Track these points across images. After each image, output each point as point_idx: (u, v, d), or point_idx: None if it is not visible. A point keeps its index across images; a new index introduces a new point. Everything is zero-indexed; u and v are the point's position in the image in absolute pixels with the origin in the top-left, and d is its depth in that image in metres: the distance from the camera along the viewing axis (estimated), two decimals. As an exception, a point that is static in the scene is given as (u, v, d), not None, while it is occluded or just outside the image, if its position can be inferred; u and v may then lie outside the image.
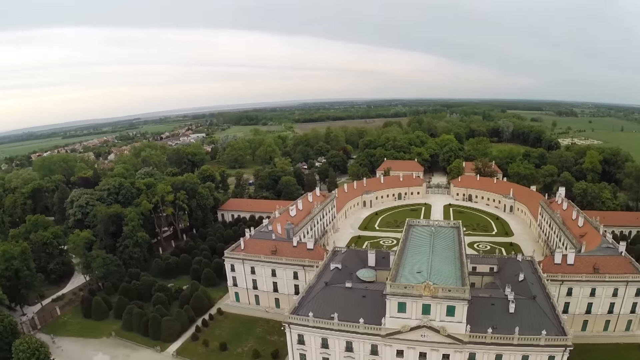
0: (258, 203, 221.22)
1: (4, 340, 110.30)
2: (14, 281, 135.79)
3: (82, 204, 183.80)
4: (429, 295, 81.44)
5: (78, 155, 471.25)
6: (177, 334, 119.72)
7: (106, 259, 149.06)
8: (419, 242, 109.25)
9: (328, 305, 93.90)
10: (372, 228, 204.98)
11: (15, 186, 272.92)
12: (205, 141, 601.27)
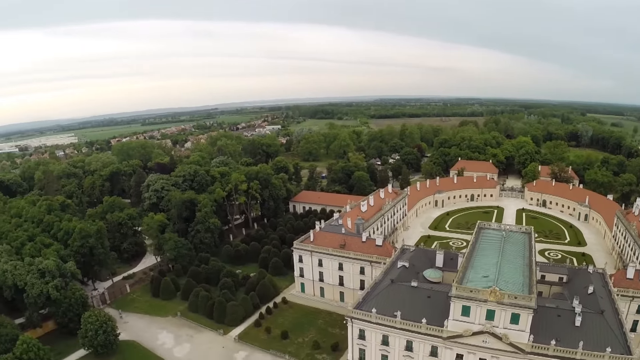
0: (330, 196, 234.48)
1: (74, 312, 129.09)
2: (89, 258, 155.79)
3: (158, 189, 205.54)
4: (495, 300, 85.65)
5: (156, 142, 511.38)
6: (241, 319, 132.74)
7: (178, 242, 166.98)
8: (488, 245, 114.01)
9: (392, 303, 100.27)
10: (442, 228, 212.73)
11: (94, 169, 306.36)
12: (281, 133, 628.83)
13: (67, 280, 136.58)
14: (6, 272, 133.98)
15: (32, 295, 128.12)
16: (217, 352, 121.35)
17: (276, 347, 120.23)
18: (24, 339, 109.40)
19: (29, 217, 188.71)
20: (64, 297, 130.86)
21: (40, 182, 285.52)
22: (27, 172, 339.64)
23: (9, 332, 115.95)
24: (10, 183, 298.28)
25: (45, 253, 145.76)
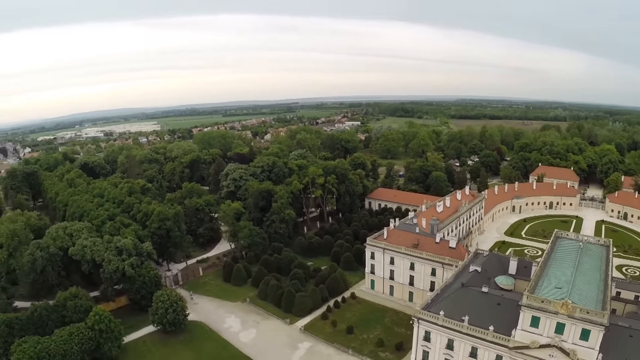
0: (406, 195, 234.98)
1: (147, 290, 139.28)
2: (165, 240, 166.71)
3: (236, 178, 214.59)
4: (566, 313, 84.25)
5: (236, 133, 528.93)
6: (309, 310, 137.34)
7: (252, 231, 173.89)
8: (564, 256, 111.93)
9: (460, 307, 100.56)
10: (518, 235, 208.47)
11: (175, 156, 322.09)
12: (360, 129, 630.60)
13: (142, 259, 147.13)
14: (86, 247, 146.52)
15: (109, 270, 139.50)
16: (282, 340, 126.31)
17: (340, 341, 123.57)
18: (97, 311, 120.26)
19: (110, 197, 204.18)
20: (139, 275, 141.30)
21: (123, 166, 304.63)
22: (111, 156, 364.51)
23: (83, 303, 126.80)
24: (95, 165, 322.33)
25: (124, 232, 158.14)
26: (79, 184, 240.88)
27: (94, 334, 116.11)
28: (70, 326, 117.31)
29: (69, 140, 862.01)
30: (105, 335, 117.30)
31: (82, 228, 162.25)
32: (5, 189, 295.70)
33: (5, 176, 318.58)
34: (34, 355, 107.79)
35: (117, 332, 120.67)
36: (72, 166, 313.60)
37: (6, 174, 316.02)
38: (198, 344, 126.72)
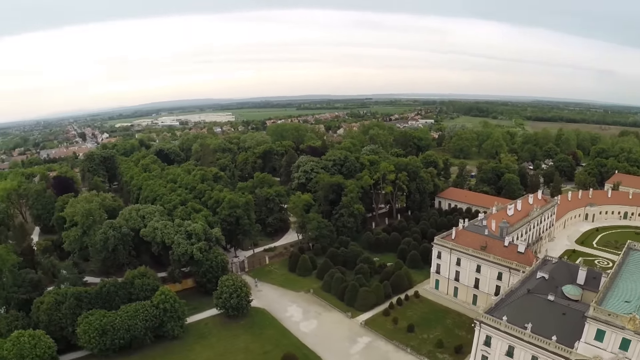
0: (476, 196, 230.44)
1: (213, 274, 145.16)
2: (234, 227, 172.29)
3: (307, 170, 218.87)
4: (632, 329, 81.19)
5: (309, 126, 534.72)
6: (371, 305, 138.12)
7: (321, 223, 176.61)
8: (636, 269, 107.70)
9: (524, 314, 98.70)
10: (589, 244, 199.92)
11: (248, 146, 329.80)
12: (433, 127, 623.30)
13: (211, 244, 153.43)
14: (157, 229, 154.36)
15: (177, 253, 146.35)
16: (342, 333, 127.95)
17: (400, 339, 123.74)
18: (163, 290, 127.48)
19: (183, 183, 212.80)
20: (206, 259, 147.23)
21: (197, 154, 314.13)
22: (186, 143, 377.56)
23: (150, 282, 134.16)
24: (170, 152, 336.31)
25: (195, 217, 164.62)
26: (154, 169, 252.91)
27: (158, 312, 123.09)
28: (136, 303, 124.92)
29: (146, 127, 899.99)
30: (169, 314, 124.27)
31: (155, 211, 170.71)
32: (83, 171, 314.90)
33: (83, 159, 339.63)
34: (99, 327, 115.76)
35: (181, 312, 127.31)
36: (147, 152, 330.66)
37: (84, 157, 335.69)
38: (258, 330, 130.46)
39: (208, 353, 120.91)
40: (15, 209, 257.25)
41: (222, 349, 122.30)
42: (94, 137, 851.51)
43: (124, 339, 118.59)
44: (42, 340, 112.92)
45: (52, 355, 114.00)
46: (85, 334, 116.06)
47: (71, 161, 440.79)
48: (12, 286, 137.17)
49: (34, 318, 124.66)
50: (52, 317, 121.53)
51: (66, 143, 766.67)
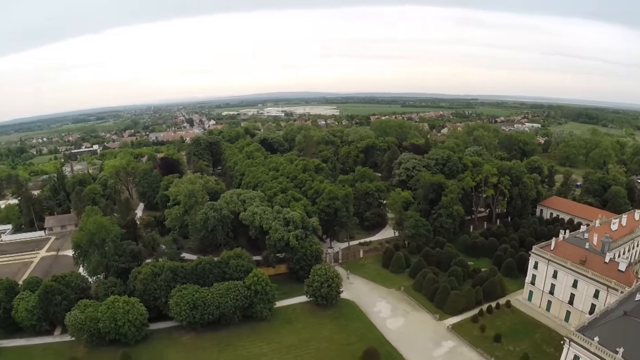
0: (580, 207, 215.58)
1: (306, 262, 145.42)
2: (332, 218, 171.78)
3: (409, 167, 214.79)
4: None
5: (413, 124, 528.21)
6: (460, 310, 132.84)
7: (418, 222, 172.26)
8: None
9: (617, 337, 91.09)
10: None
11: (351, 140, 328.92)
12: (540, 132, 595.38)
13: (307, 233, 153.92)
14: (256, 214, 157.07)
15: (274, 238, 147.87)
16: (427, 335, 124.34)
17: (485, 348, 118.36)
18: (256, 273, 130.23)
19: (285, 172, 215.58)
20: (301, 247, 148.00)
21: (300, 145, 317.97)
22: (290, 134, 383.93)
23: (245, 264, 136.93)
24: (273, 141, 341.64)
25: (294, 205, 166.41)
26: (257, 157, 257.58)
27: (249, 293, 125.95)
28: (229, 282, 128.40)
29: (251, 117, 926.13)
30: (260, 296, 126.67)
31: (255, 196, 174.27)
32: (189, 155, 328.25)
33: (190, 143, 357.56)
34: (191, 301, 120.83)
35: (271, 296, 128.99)
36: (252, 140, 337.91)
37: (191, 142, 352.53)
38: (345, 321, 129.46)
39: (293, 338, 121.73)
40: (123, 186, 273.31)
41: (307, 336, 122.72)
42: (201, 123, 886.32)
43: (213, 315, 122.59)
44: (135, 307, 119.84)
45: (143, 322, 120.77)
46: (176, 306, 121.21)
47: (178, 144, 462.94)
48: (114, 255, 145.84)
49: (130, 286, 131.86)
50: (147, 287, 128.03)
51: (174, 127, 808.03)
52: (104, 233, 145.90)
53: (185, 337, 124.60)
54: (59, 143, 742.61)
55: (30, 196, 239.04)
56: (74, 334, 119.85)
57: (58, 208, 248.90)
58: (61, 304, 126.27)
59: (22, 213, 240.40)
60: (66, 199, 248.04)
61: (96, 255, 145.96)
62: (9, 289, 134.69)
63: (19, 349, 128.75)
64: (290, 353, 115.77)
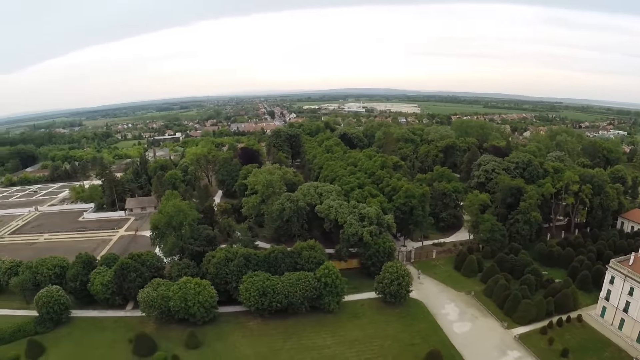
0: None
1: (379, 258, 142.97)
2: (407, 216, 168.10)
3: (488, 170, 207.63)
4: None
5: (495, 125, 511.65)
6: (529, 320, 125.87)
7: (494, 226, 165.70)
8: None
9: None
10: None
11: (431, 139, 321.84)
12: (625, 140, 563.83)
13: (382, 230, 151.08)
14: (331, 207, 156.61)
15: (348, 233, 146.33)
16: (493, 342, 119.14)
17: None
18: (328, 265, 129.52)
19: (362, 168, 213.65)
20: (374, 243, 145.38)
21: (380, 141, 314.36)
22: (369, 130, 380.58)
23: (317, 255, 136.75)
24: (353, 137, 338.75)
25: (370, 201, 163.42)
26: (336, 151, 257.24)
27: (319, 284, 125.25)
28: (299, 272, 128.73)
29: (332, 111, 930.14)
30: (329, 289, 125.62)
31: (332, 190, 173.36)
32: (269, 146, 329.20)
33: (270, 135, 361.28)
34: (260, 288, 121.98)
35: (340, 289, 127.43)
36: (332, 134, 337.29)
37: (271, 133, 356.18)
38: (411, 321, 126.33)
39: (358, 333, 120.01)
40: (203, 173, 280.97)
41: (372, 332, 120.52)
42: (282, 115, 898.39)
43: (282, 303, 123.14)
44: (206, 289, 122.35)
45: (212, 304, 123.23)
46: (246, 291, 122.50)
47: (258, 136, 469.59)
48: (189, 238, 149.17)
49: (203, 269, 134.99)
50: (220, 271, 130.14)
51: (255, 119, 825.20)
52: (181, 216, 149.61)
53: (252, 322, 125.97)
54: (143, 129, 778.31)
55: (113, 178, 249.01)
56: (145, 310, 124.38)
57: (139, 190, 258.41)
58: (135, 281, 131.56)
59: (104, 193, 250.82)
60: (147, 182, 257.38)
61: (173, 237, 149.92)
62: (87, 263, 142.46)
63: (92, 319, 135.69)
64: (354, 348, 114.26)
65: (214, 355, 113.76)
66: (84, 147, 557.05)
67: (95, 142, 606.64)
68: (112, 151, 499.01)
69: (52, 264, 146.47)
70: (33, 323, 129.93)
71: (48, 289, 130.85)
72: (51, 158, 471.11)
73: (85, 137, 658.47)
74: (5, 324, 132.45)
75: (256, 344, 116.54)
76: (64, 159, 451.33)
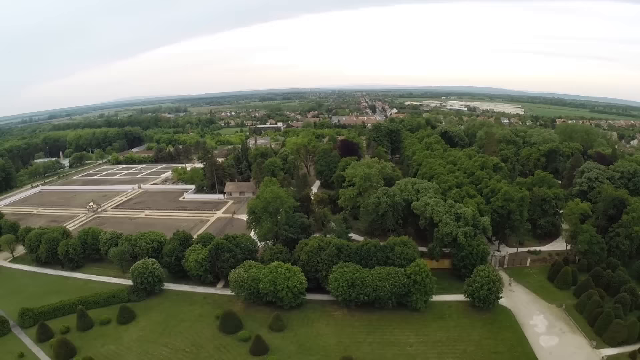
0: None
1: (471, 261, 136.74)
2: (504, 220, 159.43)
3: (591, 178, 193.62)
4: None
5: (601, 131, 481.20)
6: (619, 341, 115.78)
7: (593, 238, 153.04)
8: None
9: None
10: None
11: (534, 142, 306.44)
12: None
13: (477, 232, 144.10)
14: (427, 205, 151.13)
15: (442, 232, 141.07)
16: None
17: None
18: (419, 263, 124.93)
19: (462, 167, 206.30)
20: (468, 245, 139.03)
21: (481, 141, 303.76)
22: (471, 129, 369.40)
23: (409, 252, 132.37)
24: (454, 135, 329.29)
25: (467, 202, 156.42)
26: (436, 149, 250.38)
27: (408, 281, 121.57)
28: (390, 267, 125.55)
29: (433, 108, 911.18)
30: (418, 287, 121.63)
31: (429, 188, 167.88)
32: (368, 140, 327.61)
33: (370, 129, 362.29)
34: (350, 279, 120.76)
35: (429, 288, 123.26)
36: (432, 132, 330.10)
37: (372, 127, 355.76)
38: (497, 328, 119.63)
39: (442, 334, 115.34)
40: (302, 162, 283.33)
41: (456, 335, 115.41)
42: (383, 110, 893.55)
43: (369, 297, 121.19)
44: (296, 275, 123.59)
45: (300, 290, 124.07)
46: (335, 281, 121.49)
47: (359, 129, 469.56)
48: (284, 225, 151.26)
49: (295, 256, 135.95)
50: (311, 259, 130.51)
51: (356, 112, 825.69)
52: (278, 203, 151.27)
53: (337, 312, 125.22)
54: (246, 118, 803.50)
55: (214, 162, 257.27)
56: (235, 290, 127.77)
57: (239, 176, 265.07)
58: (228, 261, 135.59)
59: (205, 176, 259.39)
60: (247, 168, 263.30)
61: (268, 222, 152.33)
62: (183, 240, 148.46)
63: (183, 293, 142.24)
64: (436, 349, 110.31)
65: (297, 340, 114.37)
66: (188, 132, 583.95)
67: (199, 128, 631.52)
68: (214, 137, 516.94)
69: (150, 239, 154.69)
70: (127, 291, 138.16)
71: (144, 261, 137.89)
72: (156, 140, 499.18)
73: (189, 122, 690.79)
74: (102, 290, 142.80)
75: (339, 334, 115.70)
76: (168, 142, 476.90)
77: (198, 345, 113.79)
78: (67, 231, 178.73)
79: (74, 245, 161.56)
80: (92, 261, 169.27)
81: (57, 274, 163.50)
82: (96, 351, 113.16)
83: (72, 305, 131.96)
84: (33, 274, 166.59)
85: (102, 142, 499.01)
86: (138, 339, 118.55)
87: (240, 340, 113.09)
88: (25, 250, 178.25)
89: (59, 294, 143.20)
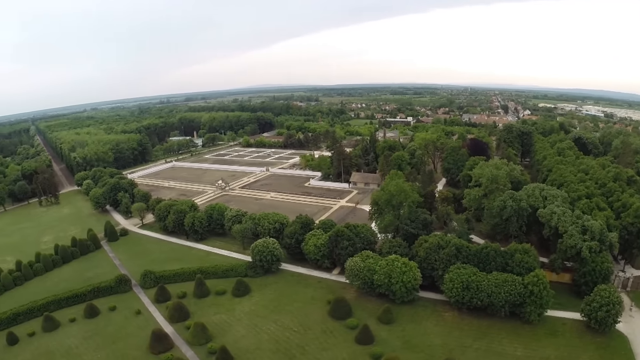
0: None
1: (593, 279, 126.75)
2: (633, 238, 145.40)
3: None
4: None
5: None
6: None
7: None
8: None
9: None
10: None
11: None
12: None
13: (603, 247, 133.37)
14: (554, 214, 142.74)
15: (566, 244, 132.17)
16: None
17: None
18: (538, 273, 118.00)
19: (594, 177, 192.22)
20: (592, 261, 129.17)
21: (616, 151, 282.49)
22: (606, 137, 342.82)
23: (529, 261, 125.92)
24: (588, 142, 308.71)
25: (596, 215, 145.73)
26: (568, 155, 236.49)
27: (525, 291, 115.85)
28: (507, 274, 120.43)
29: (568, 112, 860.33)
30: (533, 298, 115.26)
31: (558, 195, 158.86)
32: (499, 140, 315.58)
33: (502, 129, 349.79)
34: (465, 281, 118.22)
35: (545, 301, 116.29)
36: (565, 137, 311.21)
37: (503, 128, 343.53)
38: (609, 354, 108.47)
39: (551, 351, 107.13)
40: (429, 158, 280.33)
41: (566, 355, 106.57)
42: (515, 111, 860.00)
43: (482, 302, 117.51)
44: (412, 271, 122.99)
45: (414, 286, 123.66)
46: (450, 282, 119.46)
47: (489, 129, 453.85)
48: (406, 219, 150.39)
49: (413, 251, 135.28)
50: (429, 256, 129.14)
51: (488, 112, 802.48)
52: (402, 197, 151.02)
53: (448, 313, 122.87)
54: (376, 110, 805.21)
55: (342, 152, 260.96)
56: (349, 278, 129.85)
57: (365, 167, 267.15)
58: (346, 249, 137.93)
59: (332, 165, 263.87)
60: (374, 160, 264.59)
61: (390, 215, 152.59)
62: (305, 224, 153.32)
63: (298, 275, 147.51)
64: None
65: (403, 335, 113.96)
66: (318, 121, 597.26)
67: (329, 117, 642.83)
68: (344, 127, 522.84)
69: (273, 219, 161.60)
70: (245, 267, 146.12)
71: (265, 240, 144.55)
72: (287, 127, 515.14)
73: (320, 111, 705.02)
74: (221, 263, 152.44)
75: (446, 336, 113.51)
76: (298, 129, 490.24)
77: (306, 327, 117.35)
78: (195, 205, 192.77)
79: (200, 218, 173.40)
80: (215, 235, 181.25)
81: (181, 243, 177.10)
82: (208, 318, 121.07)
83: (191, 273, 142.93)
84: (159, 240, 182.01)
85: (235, 125, 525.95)
86: (249, 312, 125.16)
87: (348, 327, 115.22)
88: (154, 219, 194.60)
89: (181, 262, 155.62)
